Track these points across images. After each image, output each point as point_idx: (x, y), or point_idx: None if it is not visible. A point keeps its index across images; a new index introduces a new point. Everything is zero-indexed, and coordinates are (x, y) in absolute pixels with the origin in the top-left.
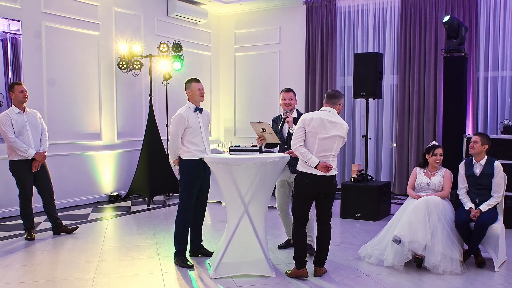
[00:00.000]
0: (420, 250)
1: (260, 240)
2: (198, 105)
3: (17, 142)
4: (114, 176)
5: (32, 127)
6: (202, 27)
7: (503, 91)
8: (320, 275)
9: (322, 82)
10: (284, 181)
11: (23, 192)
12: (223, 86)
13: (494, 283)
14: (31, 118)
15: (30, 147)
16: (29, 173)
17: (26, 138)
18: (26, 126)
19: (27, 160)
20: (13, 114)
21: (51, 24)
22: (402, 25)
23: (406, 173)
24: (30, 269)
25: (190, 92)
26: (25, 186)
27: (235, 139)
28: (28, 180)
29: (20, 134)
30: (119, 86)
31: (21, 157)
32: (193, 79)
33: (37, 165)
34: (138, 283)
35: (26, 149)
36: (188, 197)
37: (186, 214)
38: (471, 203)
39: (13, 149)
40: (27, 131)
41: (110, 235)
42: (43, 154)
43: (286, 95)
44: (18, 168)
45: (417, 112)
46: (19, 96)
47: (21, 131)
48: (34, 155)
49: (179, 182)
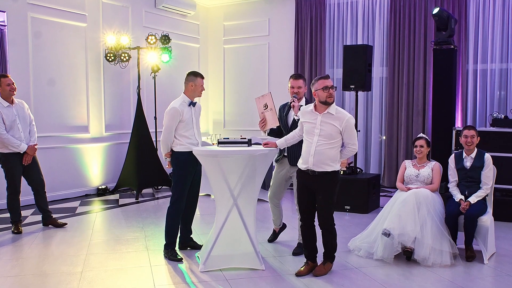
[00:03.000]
0: (410, 243)
1: (249, 233)
2: (193, 99)
3: (9, 138)
4: (102, 169)
5: (22, 119)
6: (190, 19)
7: (492, 83)
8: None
9: (311, 75)
10: (281, 174)
11: (11, 185)
12: (211, 78)
13: (484, 275)
14: (20, 110)
15: (21, 140)
16: (19, 166)
17: (16, 132)
18: (16, 119)
19: (18, 153)
20: (2, 109)
21: (37, 15)
22: (392, 17)
23: (395, 165)
24: (17, 263)
25: (194, 86)
26: (14, 179)
27: (224, 132)
28: (18, 173)
29: (11, 128)
30: (107, 78)
31: (11, 150)
32: (199, 73)
33: (28, 159)
34: (126, 277)
35: (19, 144)
36: (181, 189)
37: (178, 207)
38: (460, 195)
39: (4, 144)
40: (17, 125)
41: (98, 228)
42: (34, 147)
43: (295, 83)
44: (8, 161)
45: (406, 104)
46: (6, 89)
47: (12, 125)
48: (26, 149)
49: (172, 175)
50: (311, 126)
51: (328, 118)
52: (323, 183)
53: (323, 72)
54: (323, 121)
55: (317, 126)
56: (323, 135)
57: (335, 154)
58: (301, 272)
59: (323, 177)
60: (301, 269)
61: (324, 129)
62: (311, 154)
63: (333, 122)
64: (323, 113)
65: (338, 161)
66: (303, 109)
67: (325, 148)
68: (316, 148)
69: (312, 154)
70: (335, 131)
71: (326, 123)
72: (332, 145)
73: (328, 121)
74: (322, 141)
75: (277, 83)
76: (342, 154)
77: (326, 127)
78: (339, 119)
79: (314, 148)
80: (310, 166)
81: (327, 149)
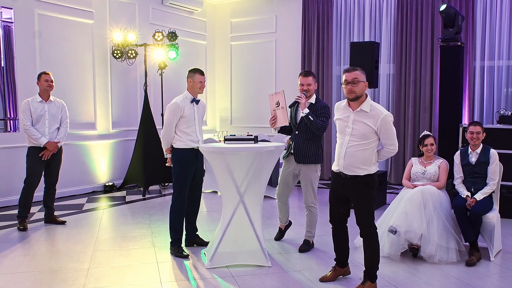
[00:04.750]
0: (416, 240)
1: (255, 229)
2: (196, 96)
3: (30, 129)
4: (109, 166)
5: (51, 116)
6: (197, 15)
7: (499, 80)
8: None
9: (318, 71)
10: (288, 171)
11: (29, 178)
12: (218, 75)
13: (490, 272)
14: (52, 107)
15: (43, 135)
16: (40, 161)
17: (41, 126)
18: (45, 115)
19: (41, 148)
20: (34, 102)
21: (44, 12)
22: (399, 14)
23: (402, 162)
24: (25, 259)
25: (192, 82)
26: (32, 173)
27: (231, 129)
28: (38, 169)
29: (37, 121)
30: (114, 75)
31: (35, 144)
32: (198, 69)
33: (47, 154)
34: (133, 273)
35: (38, 137)
36: (181, 186)
37: (180, 203)
38: (467, 192)
39: (28, 136)
40: (44, 120)
41: (105, 225)
42: (55, 144)
43: (304, 80)
44: (32, 155)
45: (413, 101)
46: (43, 84)
47: (39, 119)
48: (45, 143)
49: (172, 171)
50: (343, 124)
51: (361, 116)
52: (356, 187)
53: (330, 69)
54: (356, 120)
55: (349, 125)
56: (356, 135)
57: (369, 156)
58: (325, 278)
59: (356, 181)
60: (327, 275)
61: (357, 128)
62: (341, 156)
63: (366, 121)
64: (355, 110)
65: (373, 164)
66: (337, 104)
67: (357, 149)
68: (347, 149)
69: (342, 156)
70: (369, 131)
71: (359, 122)
72: (365, 146)
73: (361, 119)
74: (354, 141)
75: (284, 80)
76: (379, 155)
77: (359, 126)
78: (373, 117)
79: (345, 149)
80: (341, 169)
81: (359, 150)
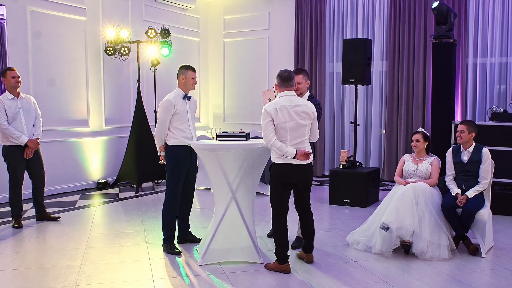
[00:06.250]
0: (408, 236)
1: (248, 226)
2: (188, 92)
3: (9, 129)
4: (102, 163)
5: (26, 113)
6: (190, 12)
7: (491, 77)
8: (312, 261)
9: (311, 68)
10: None
11: (13, 178)
12: (212, 72)
13: (481, 268)
14: (25, 103)
15: (23, 133)
16: (21, 159)
17: (19, 124)
18: (20, 112)
19: (20, 146)
20: (6, 100)
21: (36, 8)
22: (391, 11)
23: (394, 159)
24: (17, 256)
25: (184, 79)
26: (16, 172)
27: (224, 126)
28: (20, 167)
29: (14, 119)
30: (107, 72)
31: (14, 143)
32: (189, 66)
33: (29, 152)
34: (125, 270)
35: (19, 136)
36: (175, 183)
37: (173, 200)
38: (457, 189)
39: (5, 135)
40: (20, 117)
41: (98, 222)
42: (36, 141)
43: (295, 78)
44: (11, 154)
45: (406, 98)
46: (11, 81)
47: (15, 117)
48: (27, 141)
49: (166, 168)
50: None
51: None
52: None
53: (323, 66)
54: None
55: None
56: None
57: None
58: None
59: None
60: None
61: None
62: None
63: None
64: None
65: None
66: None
67: None
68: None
69: None
70: None
71: None
72: None
73: None
74: None
75: None
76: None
77: None
78: None
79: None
80: None
81: None
